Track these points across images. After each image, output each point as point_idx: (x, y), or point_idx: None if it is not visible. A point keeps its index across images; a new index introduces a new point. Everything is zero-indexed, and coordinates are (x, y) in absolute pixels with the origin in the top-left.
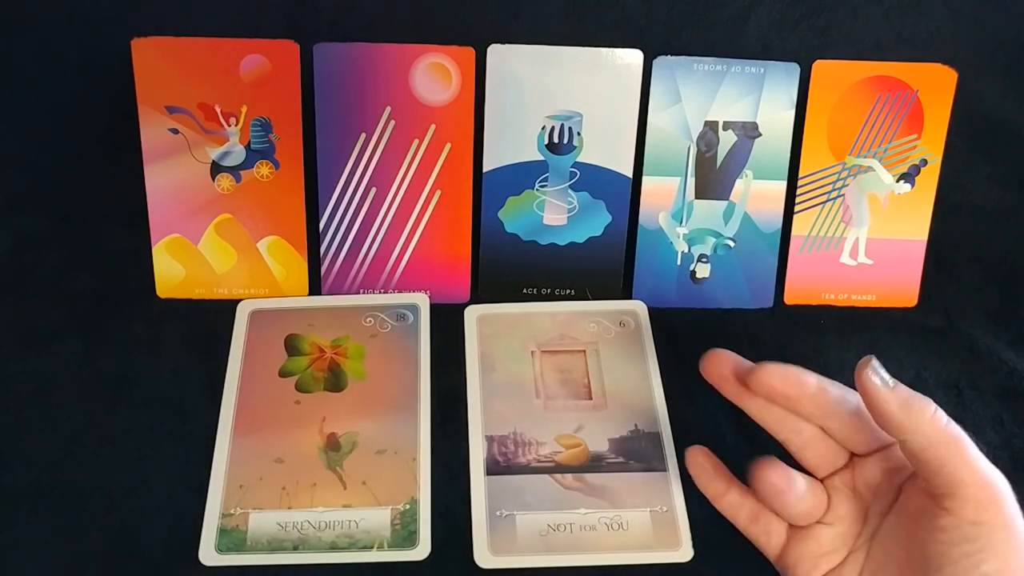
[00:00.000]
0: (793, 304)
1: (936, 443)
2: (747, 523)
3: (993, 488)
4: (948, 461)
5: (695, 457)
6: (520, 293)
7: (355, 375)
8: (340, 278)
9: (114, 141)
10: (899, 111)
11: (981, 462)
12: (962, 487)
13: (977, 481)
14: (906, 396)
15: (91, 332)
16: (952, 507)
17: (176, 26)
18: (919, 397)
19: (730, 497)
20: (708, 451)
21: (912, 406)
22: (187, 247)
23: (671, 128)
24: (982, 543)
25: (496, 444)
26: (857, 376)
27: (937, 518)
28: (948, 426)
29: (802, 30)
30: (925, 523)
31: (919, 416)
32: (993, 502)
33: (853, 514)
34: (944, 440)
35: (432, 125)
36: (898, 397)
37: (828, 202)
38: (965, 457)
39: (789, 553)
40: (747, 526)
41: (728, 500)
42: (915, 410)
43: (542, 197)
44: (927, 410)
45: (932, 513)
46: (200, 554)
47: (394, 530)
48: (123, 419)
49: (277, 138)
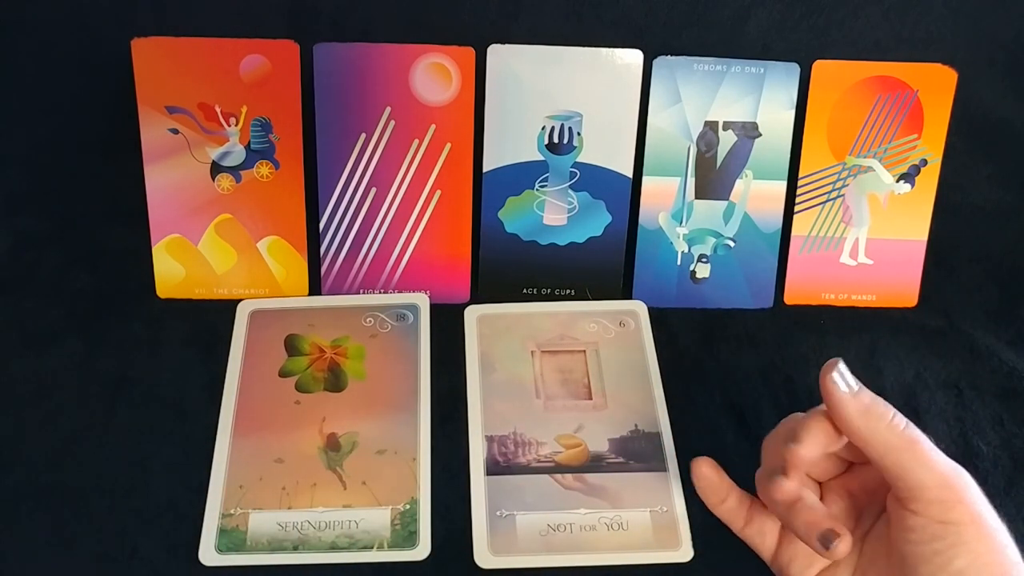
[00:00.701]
0: (793, 304)
1: (894, 448)
2: (742, 526)
3: (955, 488)
4: (907, 466)
5: (701, 468)
6: (520, 293)
7: (355, 375)
8: (340, 278)
9: (114, 141)
10: (899, 111)
11: (940, 463)
12: (924, 490)
13: (938, 483)
14: (868, 402)
15: (91, 332)
16: (918, 509)
17: (176, 26)
18: (880, 403)
19: (729, 503)
20: (713, 462)
21: (871, 412)
22: (187, 247)
23: (671, 128)
24: (951, 540)
25: (496, 444)
26: (821, 379)
27: (906, 519)
28: (906, 430)
29: (802, 30)
30: (897, 524)
31: (877, 422)
32: (958, 500)
33: (845, 514)
34: (902, 445)
35: (432, 125)
36: (860, 403)
37: (828, 202)
38: (924, 460)
39: (783, 553)
40: (742, 529)
41: (727, 506)
42: (874, 416)
43: (542, 197)
44: (885, 416)
45: (901, 515)
46: (200, 554)
47: (394, 530)
48: (123, 419)
49: (277, 138)
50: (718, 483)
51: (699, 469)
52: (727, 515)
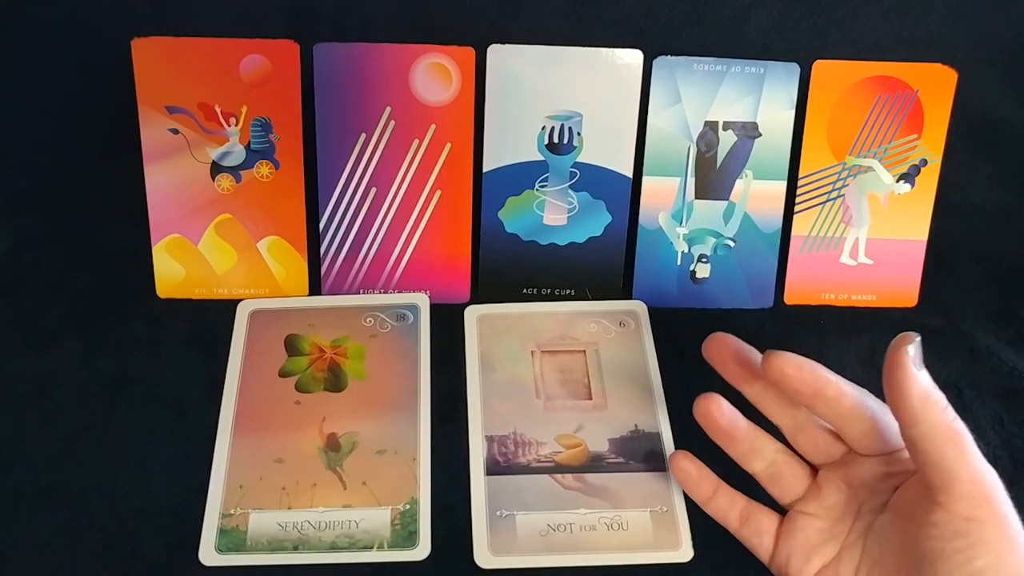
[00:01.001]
0: (793, 304)
1: (939, 436)
2: (738, 525)
3: (987, 485)
4: (947, 456)
5: (679, 462)
6: (520, 293)
7: (355, 375)
8: (340, 278)
9: (114, 141)
10: (899, 111)
11: (978, 460)
12: (957, 483)
13: (972, 478)
14: (927, 384)
15: (91, 332)
16: (945, 502)
17: (176, 26)
18: (936, 389)
19: (718, 500)
20: (691, 455)
21: (930, 395)
22: (187, 247)
23: (671, 128)
24: (975, 538)
25: (496, 444)
26: (893, 350)
27: (931, 513)
28: (954, 422)
29: (802, 30)
30: (919, 519)
31: (933, 406)
32: (987, 499)
33: (843, 507)
34: (947, 435)
35: (432, 125)
36: (920, 384)
37: (828, 202)
38: (964, 453)
39: (780, 549)
40: (738, 528)
41: (717, 503)
42: (931, 400)
43: (542, 197)
44: (940, 403)
45: (926, 508)
46: (200, 554)
47: (394, 530)
48: (123, 419)
49: (277, 138)
50: (698, 477)
51: (677, 463)
52: (718, 513)
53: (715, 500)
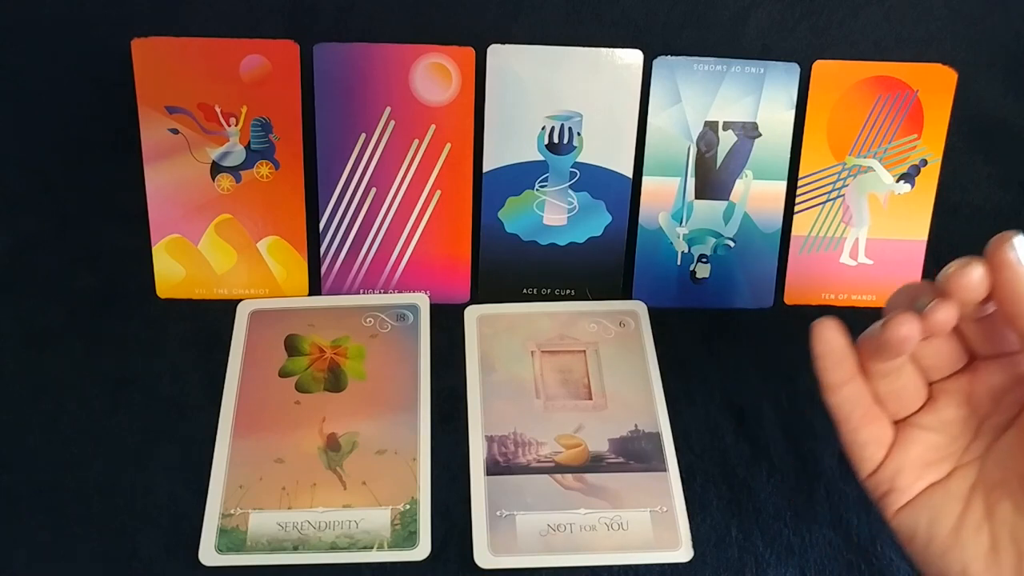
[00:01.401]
0: (793, 304)
1: None
2: (857, 425)
3: None
4: None
5: (824, 331)
6: (520, 293)
7: (355, 375)
8: (340, 278)
9: (114, 141)
10: (899, 111)
11: None
12: None
13: None
14: None
15: (91, 332)
16: None
17: (176, 26)
18: None
19: (848, 390)
20: (842, 326)
21: None
22: (187, 247)
23: (671, 128)
24: None
25: (496, 444)
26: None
27: None
28: None
29: (802, 30)
30: None
31: None
32: None
33: (962, 422)
34: None
35: (432, 125)
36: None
37: (828, 202)
38: None
39: (889, 462)
40: (855, 428)
41: (844, 394)
42: None
43: (542, 197)
44: None
45: None
46: (200, 554)
47: (394, 530)
48: (123, 419)
49: (277, 138)
50: (841, 355)
51: (823, 333)
52: (844, 405)
53: (845, 389)
